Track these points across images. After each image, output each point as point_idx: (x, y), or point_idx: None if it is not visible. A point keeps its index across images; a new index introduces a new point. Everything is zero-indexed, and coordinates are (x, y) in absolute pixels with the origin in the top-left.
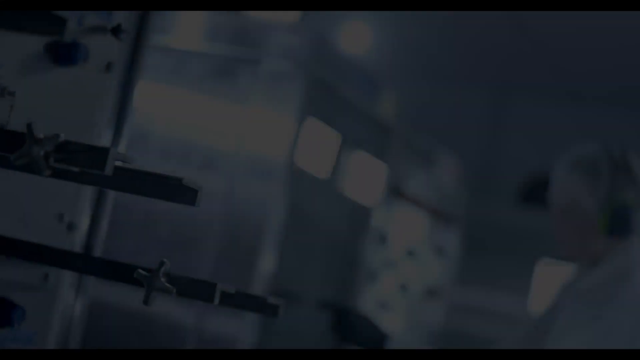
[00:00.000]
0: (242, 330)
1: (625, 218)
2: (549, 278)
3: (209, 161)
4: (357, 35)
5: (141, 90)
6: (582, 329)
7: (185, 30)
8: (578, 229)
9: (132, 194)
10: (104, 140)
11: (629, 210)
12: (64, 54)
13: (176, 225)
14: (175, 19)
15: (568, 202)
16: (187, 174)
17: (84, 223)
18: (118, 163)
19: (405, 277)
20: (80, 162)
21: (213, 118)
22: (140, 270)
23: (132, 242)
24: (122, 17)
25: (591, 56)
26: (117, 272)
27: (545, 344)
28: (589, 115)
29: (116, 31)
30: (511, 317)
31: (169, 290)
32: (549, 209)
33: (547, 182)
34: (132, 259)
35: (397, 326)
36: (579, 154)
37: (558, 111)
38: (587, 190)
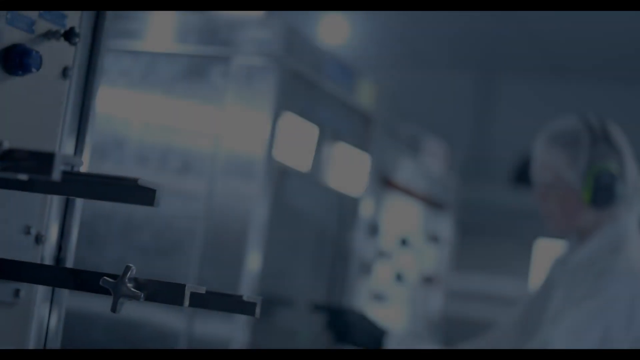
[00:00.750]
0: (234, 333)
1: (608, 187)
2: (548, 258)
3: (187, 164)
4: (334, 25)
5: (113, 97)
6: (580, 305)
7: (154, 32)
8: (564, 203)
9: (89, 199)
10: (67, 149)
11: (611, 178)
12: (15, 62)
13: (158, 231)
14: (144, 22)
15: (551, 177)
16: (165, 178)
17: (52, 235)
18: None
19: (401, 267)
20: (26, 169)
21: (188, 119)
22: (106, 278)
23: (114, 251)
24: (76, 21)
25: (575, 29)
26: (84, 281)
27: (543, 322)
28: (579, 91)
29: (69, 35)
30: (512, 300)
31: (136, 296)
32: (533, 186)
33: None
34: (115, 269)
35: (396, 317)
36: (558, 128)
37: (547, 88)
38: (568, 162)
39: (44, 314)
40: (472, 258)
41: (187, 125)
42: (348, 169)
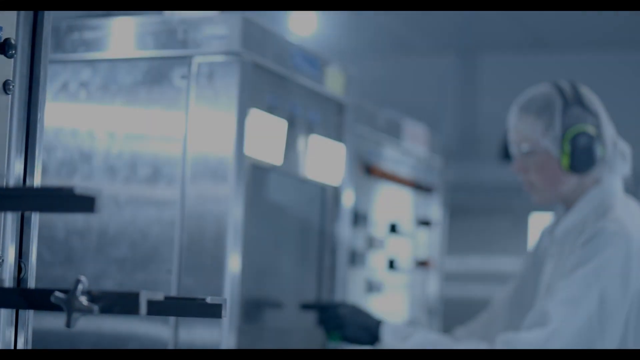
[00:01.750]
0: (220, 339)
1: (586, 150)
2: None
3: (157, 170)
4: (304, 16)
5: (76, 110)
6: (573, 273)
7: (112, 40)
8: (544, 172)
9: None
10: (17, 166)
11: (588, 141)
12: None
13: (134, 242)
14: (101, 31)
15: (528, 147)
16: (136, 187)
17: (10, 256)
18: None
19: (393, 254)
20: None
21: (153, 125)
22: (57, 294)
23: (92, 267)
24: (12, 33)
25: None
26: (36, 300)
27: (537, 296)
28: (562, 62)
29: (4, 48)
30: (511, 277)
31: (90, 310)
32: (513, 159)
33: None
34: (95, 284)
35: (393, 305)
36: (529, 96)
37: (529, 63)
38: (543, 129)
39: (10, 338)
40: (467, 238)
41: (152, 131)
42: (324, 159)
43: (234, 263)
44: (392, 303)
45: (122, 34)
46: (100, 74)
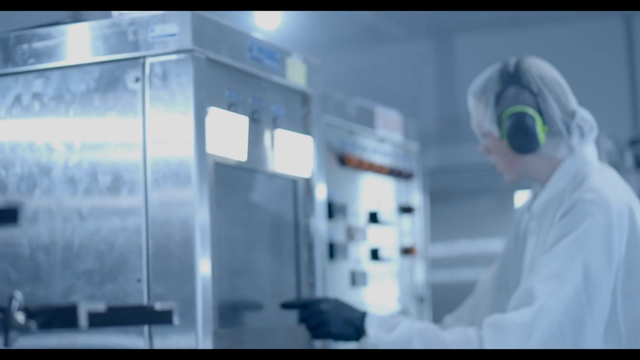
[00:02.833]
0: (196, 345)
1: (522, 130)
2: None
3: (118, 178)
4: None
5: (31, 124)
6: (554, 247)
7: (62, 49)
8: (499, 154)
9: None
10: None
11: (522, 121)
12: None
13: (101, 253)
14: (51, 40)
15: (479, 131)
16: (98, 197)
17: None
18: None
19: (375, 244)
20: None
21: (110, 132)
22: None
23: (58, 283)
24: None
25: None
26: None
27: (521, 273)
28: (537, 37)
29: None
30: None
31: (27, 327)
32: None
33: None
34: (63, 299)
35: (380, 296)
36: (477, 80)
37: (503, 40)
38: (483, 112)
39: None
40: (453, 222)
41: (110, 138)
42: (292, 152)
43: (204, 266)
44: (380, 294)
45: (72, 41)
46: (53, 84)
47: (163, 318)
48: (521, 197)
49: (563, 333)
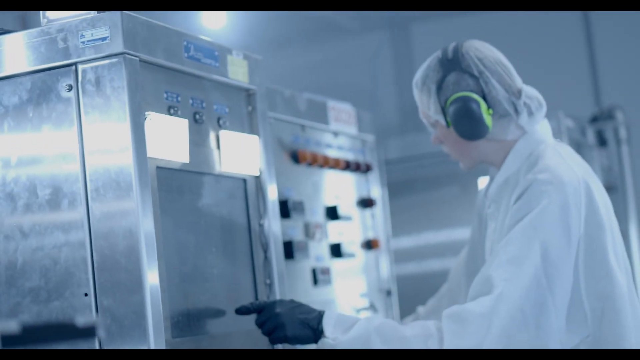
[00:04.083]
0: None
1: (467, 116)
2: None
3: (57, 191)
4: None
5: None
6: (512, 231)
7: None
8: (449, 142)
9: None
10: None
11: (465, 107)
12: None
13: (45, 269)
14: None
15: (427, 121)
16: (39, 212)
17: None
18: None
19: (336, 240)
20: None
21: (46, 144)
22: None
23: (4, 302)
24: None
25: None
26: None
27: (487, 253)
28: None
29: None
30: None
31: None
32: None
33: None
34: (10, 319)
35: (346, 293)
36: (419, 70)
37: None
38: (427, 103)
39: None
40: (418, 213)
41: (47, 150)
42: (238, 151)
43: (152, 276)
44: (346, 291)
45: (1, 53)
46: None
47: (86, 334)
48: (484, 183)
49: (525, 318)
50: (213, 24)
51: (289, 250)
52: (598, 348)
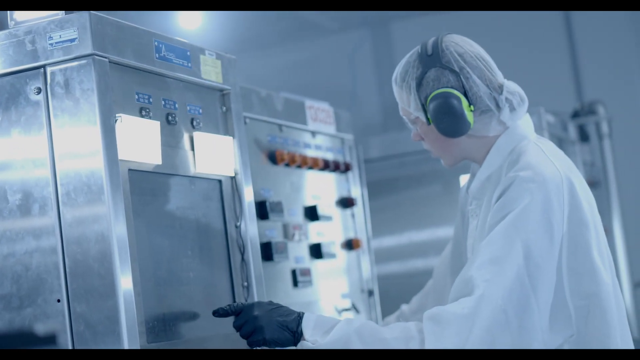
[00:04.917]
0: None
1: (447, 113)
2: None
3: (28, 196)
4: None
5: None
6: (493, 230)
7: None
8: (430, 140)
9: None
10: None
11: (446, 103)
12: None
13: (17, 275)
14: None
15: (407, 118)
16: (8, 218)
17: None
18: None
19: (316, 240)
20: None
21: (15, 149)
22: None
23: None
24: None
25: None
26: None
27: (468, 251)
28: (472, 19)
29: None
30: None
31: None
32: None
33: None
34: None
35: (328, 293)
36: (398, 67)
37: (441, 21)
38: (407, 100)
39: None
40: (400, 212)
41: (16, 155)
42: (213, 152)
43: (125, 281)
44: (327, 292)
45: None
46: None
47: (49, 341)
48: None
49: (507, 319)
50: (189, 25)
51: (268, 251)
52: (583, 347)
